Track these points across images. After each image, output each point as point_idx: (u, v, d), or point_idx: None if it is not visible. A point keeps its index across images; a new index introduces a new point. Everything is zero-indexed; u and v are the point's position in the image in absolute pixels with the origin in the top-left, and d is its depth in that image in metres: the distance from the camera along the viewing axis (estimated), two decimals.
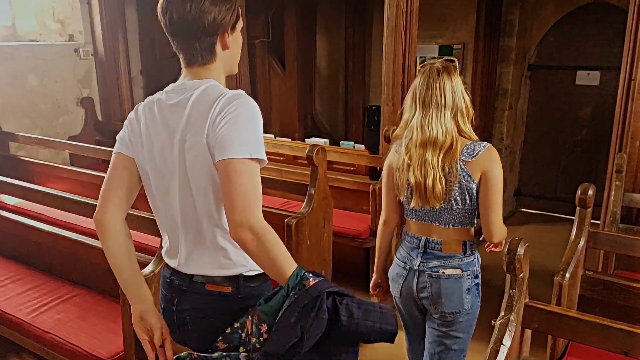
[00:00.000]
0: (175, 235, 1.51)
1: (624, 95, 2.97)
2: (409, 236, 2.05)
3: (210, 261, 1.47)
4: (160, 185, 1.49)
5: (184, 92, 1.45)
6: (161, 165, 1.46)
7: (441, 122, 1.89)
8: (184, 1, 1.37)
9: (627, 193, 2.95)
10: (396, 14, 3.36)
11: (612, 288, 2.15)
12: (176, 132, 1.42)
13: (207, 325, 1.48)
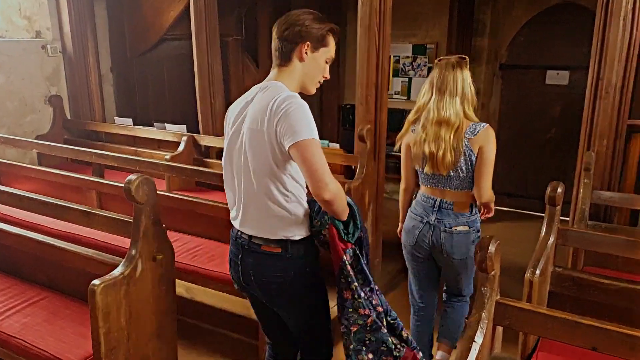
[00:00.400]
0: (240, 204, 1.90)
1: (592, 94, 3.04)
2: (425, 197, 2.56)
3: (265, 228, 1.84)
4: (231, 165, 1.90)
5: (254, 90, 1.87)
6: (232, 149, 1.87)
7: (452, 107, 2.37)
8: (279, 26, 1.85)
9: (595, 190, 3.02)
10: (370, 13, 3.37)
11: (582, 284, 2.19)
12: (245, 123, 1.81)
13: (262, 275, 1.88)
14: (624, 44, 2.90)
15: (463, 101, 2.39)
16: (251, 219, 1.88)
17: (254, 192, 1.83)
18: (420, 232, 2.56)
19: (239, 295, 2.77)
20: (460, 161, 2.38)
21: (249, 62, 5.55)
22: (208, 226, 3.25)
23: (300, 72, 1.87)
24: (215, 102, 4.48)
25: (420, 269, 2.73)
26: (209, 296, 3.57)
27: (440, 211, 2.50)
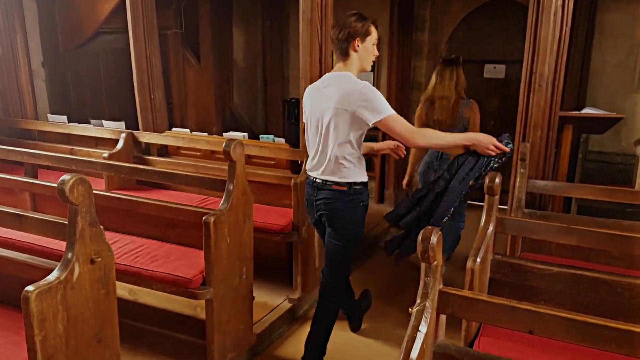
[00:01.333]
0: (321, 160, 2.68)
1: (526, 87, 3.15)
2: (433, 151, 3.81)
3: (337, 174, 2.65)
4: (314, 130, 2.70)
5: (331, 79, 2.65)
6: (318, 118, 2.64)
7: (450, 89, 3.70)
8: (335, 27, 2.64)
9: (530, 180, 3.13)
10: (311, 7, 3.36)
11: (519, 270, 2.28)
12: (323, 102, 2.60)
13: (332, 204, 2.70)
14: (555, 39, 3.02)
15: (457, 85, 3.71)
16: (329, 168, 2.67)
17: (334, 152, 2.62)
18: (428, 173, 3.82)
19: (184, 295, 2.72)
20: (456, 124, 3.67)
21: (189, 55, 5.42)
22: (150, 226, 3.16)
23: (357, 60, 2.66)
24: (155, 97, 4.35)
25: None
26: (153, 297, 3.49)
27: (441, 158, 3.75)
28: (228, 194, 2.71)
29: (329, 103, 2.57)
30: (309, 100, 2.75)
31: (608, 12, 4.94)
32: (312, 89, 2.76)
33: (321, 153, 2.68)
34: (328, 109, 2.57)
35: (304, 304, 3.66)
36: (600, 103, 4.91)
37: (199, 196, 3.91)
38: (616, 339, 1.49)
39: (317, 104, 2.66)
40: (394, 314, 3.66)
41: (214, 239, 2.60)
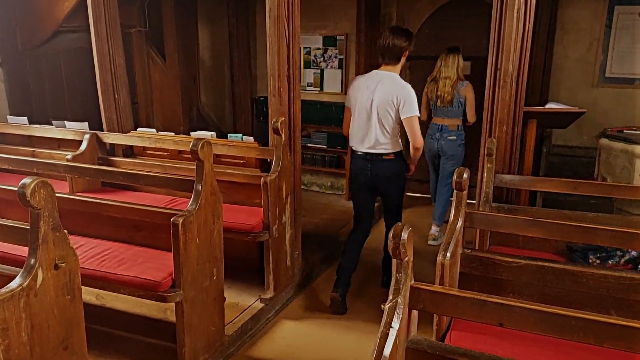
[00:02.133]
0: (371, 138, 3.49)
1: (491, 83, 3.19)
2: (434, 124, 4.74)
3: (387, 148, 3.50)
4: (361, 116, 3.50)
5: (379, 76, 3.46)
6: (368, 107, 3.44)
7: (452, 70, 4.56)
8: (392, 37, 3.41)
9: (497, 174, 3.18)
10: (278, 4, 3.33)
11: (488, 263, 2.31)
12: (376, 93, 3.40)
13: (386, 172, 3.55)
14: (518, 35, 3.07)
15: (457, 68, 4.57)
16: (378, 144, 3.50)
17: (382, 132, 3.48)
18: (431, 145, 4.71)
19: (153, 298, 2.66)
20: (454, 101, 4.56)
21: (154, 54, 5.32)
22: (116, 228, 3.09)
23: (400, 65, 3.52)
24: (119, 97, 4.25)
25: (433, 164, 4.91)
26: (121, 301, 3.42)
27: (441, 130, 4.66)
28: (196, 194, 2.67)
29: (377, 94, 3.43)
30: (361, 88, 3.51)
31: (569, 8, 5.06)
32: (365, 80, 3.53)
33: (374, 133, 3.50)
34: (378, 99, 3.43)
35: (276, 303, 3.63)
36: (563, 98, 5.03)
37: (166, 197, 3.85)
38: (583, 329, 1.53)
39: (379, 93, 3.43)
40: (367, 310, 3.68)
41: (182, 240, 2.56)
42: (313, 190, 6.30)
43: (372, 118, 3.45)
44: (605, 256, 2.89)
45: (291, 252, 3.77)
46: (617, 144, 3.60)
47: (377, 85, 3.42)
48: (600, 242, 2.49)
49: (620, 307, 2.16)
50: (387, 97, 3.38)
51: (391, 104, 3.38)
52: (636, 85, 4.94)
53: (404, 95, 3.36)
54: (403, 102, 3.35)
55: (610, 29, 4.94)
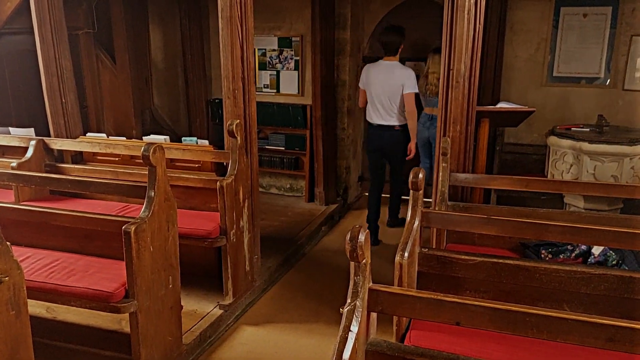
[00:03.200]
0: (383, 113, 4.66)
1: (445, 84, 3.24)
2: (425, 114, 5.12)
3: (394, 121, 4.66)
4: (375, 96, 4.64)
5: (385, 65, 4.61)
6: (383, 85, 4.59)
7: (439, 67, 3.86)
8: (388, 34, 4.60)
9: (452, 173, 3.23)
10: (230, 5, 3.28)
11: (445, 262, 2.34)
12: (394, 76, 4.55)
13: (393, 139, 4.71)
14: (469, 36, 3.12)
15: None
16: (390, 117, 4.63)
17: (391, 107, 4.60)
18: (423, 132, 5.06)
19: (106, 309, 2.57)
20: None
21: (104, 56, 5.16)
22: (65, 238, 2.97)
23: (398, 55, 4.61)
24: (66, 101, 4.09)
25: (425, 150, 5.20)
26: (73, 314, 3.30)
27: (432, 120, 4.96)
28: (149, 201, 2.59)
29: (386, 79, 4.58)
30: (372, 75, 4.65)
31: (517, 10, 5.20)
32: (375, 68, 4.66)
33: (385, 110, 4.64)
34: (386, 83, 4.58)
35: (235, 309, 3.58)
36: (513, 97, 5.16)
37: (119, 204, 3.73)
38: (536, 325, 1.55)
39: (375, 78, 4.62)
40: (327, 312, 3.67)
41: (135, 248, 2.48)
42: (272, 192, 6.25)
43: (384, 98, 4.61)
44: (556, 251, 2.97)
45: (250, 256, 3.73)
46: (565, 142, 3.71)
47: (386, 73, 4.58)
48: (551, 238, 2.56)
49: (572, 300, 2.22)
50: (396, 82, 4.54)
51: (400, 86, 4.53)
52: (582, 84, 5.12)
53: (407, 77, 4.53)
54: (406, 82, 4.51)
55: (557, 29, 5.10)
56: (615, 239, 2.36)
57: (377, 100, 4.63)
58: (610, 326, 1.47)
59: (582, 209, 3.64)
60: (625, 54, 4.93)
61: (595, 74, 5.06)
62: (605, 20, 4.93)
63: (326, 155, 5.69)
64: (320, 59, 5.38)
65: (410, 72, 4.57)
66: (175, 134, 5.79)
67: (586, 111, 5.04)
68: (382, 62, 4.64)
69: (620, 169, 3.51)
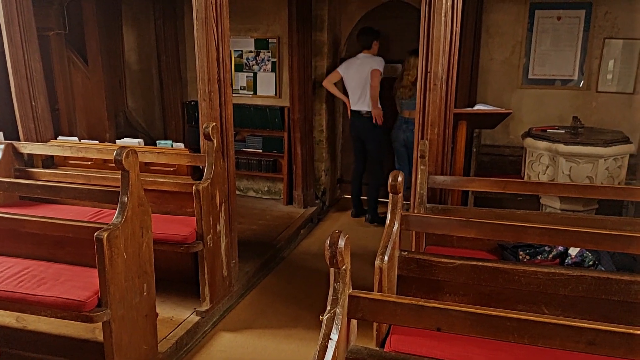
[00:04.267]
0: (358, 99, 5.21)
1: (422, 86, 3.23)
2: (401, 117, 5.25)
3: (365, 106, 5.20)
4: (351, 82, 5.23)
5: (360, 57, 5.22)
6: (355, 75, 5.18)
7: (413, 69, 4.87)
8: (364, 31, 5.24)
9: (430, 175, 3.23)
10: (205, 6, 3.23)
11: (424, 265, 2.32)
12: (361, 66, 5.15)
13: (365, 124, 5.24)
14: (446, 39, 3.12)
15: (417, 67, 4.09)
16: (362, 102, 5.17)
17: (361, 94, 5.15)
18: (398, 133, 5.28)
19: (78, 319, 2.49)
20: (413, 92, 4.89)
21: (75, 58, 5.04)
22: (35, 245, 2.87)
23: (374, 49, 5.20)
24: (36, 104, 3.98)
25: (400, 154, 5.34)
26: (44, 323, 3.21)
27: (407, 122, 5.15)
28: (122, 206, 2.52)
29: (361, 67, 5.12)
30: (350, 65, 5.22)
31: (493, 13, 5.25)
32: (351, 62, 5.24)
33: (359, 95, 5.16)
34: (361, 71, 5.11)
35: (213, 315, 3.51)
36: (490, 99, 5.21)
37: (91, 209, 3.63)
38: (517, 329, 1.54)
39: (351, 67, 5.20)
40: (306, 317, 3.63)
41: (108, 255, 2.41)
42: (249, 195, 6.19)
43: (356, 85, 5.14)
44: (534, 252, 2.99)
45: (227, 261, 3.67)
46: (541, 143, 3.74)
47: (360, 63, 5.13)
48: (529, 240, 2.57)
49: (550, 302, 2.22)
50: (366, 69, 5.07)
51: (369, 72, 5.05)
52: (557, 85, 5.19)
53: (376, 61, 5.10)
54: (374, 65, 5.07)
55: (531, 32, 5.16)
56: (592, 240, 2.38)
57: (351, 88, 5.20)
58: (591, 330, 1.46)
59: (558, 209, 3.67)
60: (598, 56, 5.02)
61: (570, 76, 5.14)
62: (578, 23, 5.01)
63: (304, 158, 5.65)
64: (297, 60, 5.35)
65: (380, 59, 5.13)
66: (150, 137, 5.69)
67: (561, 112, 5.11)
68: (359, 55, 5.21)
69: (595, 170, 3.56)
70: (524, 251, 3.01)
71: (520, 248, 3.02)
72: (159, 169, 3.87)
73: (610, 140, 3.61)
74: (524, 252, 3.00)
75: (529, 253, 3.00)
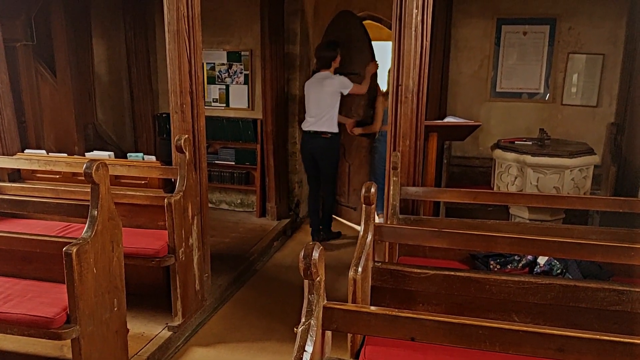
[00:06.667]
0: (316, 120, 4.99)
1: (394, 99, 3.28)
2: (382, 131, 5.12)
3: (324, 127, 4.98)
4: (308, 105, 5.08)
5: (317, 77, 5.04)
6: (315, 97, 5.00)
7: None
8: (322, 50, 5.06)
9: (403, 187, 3.26)
10: (177, 18, 3.22)
11: (398, 276, 2.34)
12: (322, 86, 4.95)
13: (321, 146, 5.05)
14: (417, 53, 3.18)
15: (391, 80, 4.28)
16: (321, 124, 4.96)
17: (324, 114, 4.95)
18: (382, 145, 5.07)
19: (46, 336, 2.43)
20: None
21: (43, 70, 4.94)
22: (1, 261, 2.79)
23: (332, 68, 4.98)
24: (3, 117, 3.88)
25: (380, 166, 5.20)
26: (10, 341, 3.11)
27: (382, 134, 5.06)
28: (92, 220, 2.48)
29: (327, 88, 4.92)
30: (307, 86, 5.08)
31: (461, 28, 5.37)
32: (313, 82, 5.05)
33: (319, 116, 4.96)
34: (321, 91, 4.94)
35: (185, 330, 3.46)
36: (459, 111, 5.31)
37: (60, 223, 3.56)
38: (489, 337, 1.57)
39: (313, 87, 5.01)
40: (280, 329, 3.60)
41: (77, 271, 2.35)
42: (222, 208, 6.14)
43: (320, 106, 4.95)
44: (504, 261, 3.04)
45: (200, 275, 3.62)
46: (509, 155, 3.83)
47: (317, 84, 4.98)
48: (499, 249, 2.62)
49: (520, 310, 2.26)
50: (326, 90, 4.92)
51: (333, 92, 4.93)
52: (524, 98, 5.33)
53: (339, 84, 4.92)
54: (341, 88, 4.93)
55: (499, 47, 5.30)
56: (560, 249, 2.44)
57: (309, 109, 5.04)
58: (560, 336, 1.50)
59: (526, 219, 3.74)
60: (562, 70, 5.18)
61: (536, 89, 5.28)
62: (543, 38, 5.16)
63: (277, 170, 5.65)
64: (270, 73, 5.37)
65: (340, 78, 4.92)
66: (120, 149, 5.60)
67: (528, 124, 5.25)
68: (316, 75, 5.05)
69: (562, 181, 3.65)
70: (494, 260, 3.06)
71: (491, 257, 3.07)
72: (130, 182, 3.82)
73: (576, 152, 3.71)
74: (495, 261, 3.06)
75: (500, 262, 3.06)
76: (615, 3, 4.94)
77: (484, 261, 3.07)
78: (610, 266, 2.86)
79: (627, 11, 4.90)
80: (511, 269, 3.02)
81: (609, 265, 2.86)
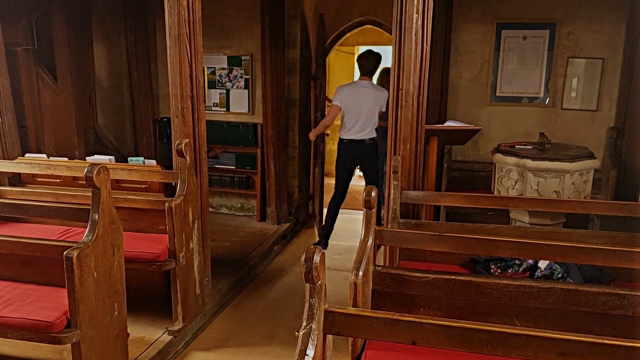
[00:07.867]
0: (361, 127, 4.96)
1: (394, 103, 3.29)
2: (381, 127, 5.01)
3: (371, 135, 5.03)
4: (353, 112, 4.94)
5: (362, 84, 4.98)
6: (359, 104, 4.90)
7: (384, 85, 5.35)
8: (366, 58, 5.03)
9: (403, 191, 3.26)
10: (178, 23, 3.23)
11: (399, 280, 2.34)
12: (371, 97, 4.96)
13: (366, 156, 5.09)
14: (417, 57, 3.19)
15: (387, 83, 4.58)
16: (368, 131, 4.98)
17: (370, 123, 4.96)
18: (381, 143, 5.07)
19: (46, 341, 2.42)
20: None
21: (44, 74, 4.95)
22: (2, 265, 2.79)
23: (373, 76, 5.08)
24: (3, 121, 3.89)
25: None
26: (9, 346, 3.10)
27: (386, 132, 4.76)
28: (93, 224, 2.47)
29: (378, 101, 4.96)
30: (350, 93, 4.94)
31: (461, 32, 5.39)
32: (352, 88, 4.99)
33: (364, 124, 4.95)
34: (367, 99, 4.92)
35: (185, 334, 3.45)
36: (459, 115, 5.32)
37: (60, 228, 3.55)
38: (491, 341, 1.56)
39: (365, 98, 4.92)
40: (281, 334, 3.60)
41: (78, 275, 2.35)
42: (222, 212, 6.14)
43: (364, 114, 4.92)
44: (505, 265, 3.04)
45: (200, 279, 3.62)
46: (510, 159, 3.83)
47: (365, 92, 4.93)
48: (500, 253, 2.61)
49: (522, 314, 2.26)
50: (373, 101, 4.93)
51: (375, 105, 4.95)
52: (524, 103, 5.34)
53: (384, 101, 4.93)
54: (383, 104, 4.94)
55: (498, 51, 5.31)
56: (560, 253, 2.44)
57: (353, 114, 4.92)
58: (562, 340, 1.50)
59: (527, 223, 3.75)
60: (562, 74, 5.19)
61: (536, 93, 5.29)
62: (543, 43, 5.18)
63: (278, 174, 5.65)
64: (270, 77, 5.38)
65: (385, 92, 4.86)
66: (121, 154, 5.61)
67: (528, 129, 5.25)
68: (359, 82, 5.02)
69: (562, 185, 3.65)
70: (495, 265, 3.06)
71: (491, 262, 3.07)
72: (131, 186, 3.82)
73: (576, 156, 3.72)
74: (496, 265, 3.05)
75: (500, 266, 3.06)
76: (615, 8, 4.96)
77: (484, 265, 3.07)
78: (612, 270, 2.86)
79: (627, 15, 4.91)
80: (512, 273, 3.01)
81: (610, 269, 2.86)
